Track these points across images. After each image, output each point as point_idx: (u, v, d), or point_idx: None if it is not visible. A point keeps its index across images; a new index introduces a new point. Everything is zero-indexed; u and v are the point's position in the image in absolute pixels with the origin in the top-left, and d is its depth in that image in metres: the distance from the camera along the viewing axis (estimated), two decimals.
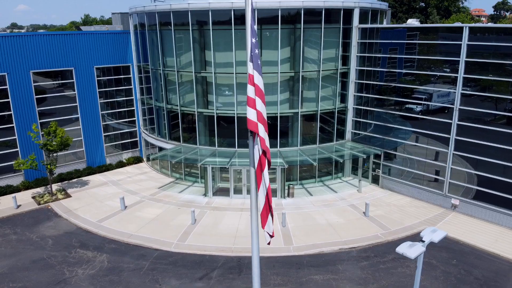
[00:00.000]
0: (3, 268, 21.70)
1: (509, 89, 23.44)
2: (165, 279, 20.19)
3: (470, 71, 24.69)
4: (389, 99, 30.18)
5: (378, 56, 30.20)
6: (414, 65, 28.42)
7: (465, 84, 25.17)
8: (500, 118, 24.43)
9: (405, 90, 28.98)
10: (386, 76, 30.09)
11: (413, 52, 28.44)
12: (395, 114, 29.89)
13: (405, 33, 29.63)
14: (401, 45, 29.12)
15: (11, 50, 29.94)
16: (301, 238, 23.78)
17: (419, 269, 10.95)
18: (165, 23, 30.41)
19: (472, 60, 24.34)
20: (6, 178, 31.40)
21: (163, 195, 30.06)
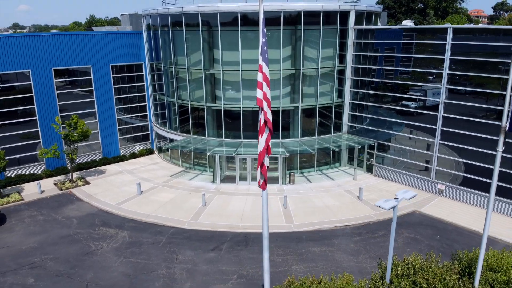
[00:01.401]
0: (34, 243, 24.40)
1: (496, 86, 25.90)
2: (181, 251, 22.89)
3: (464, 69, 27.00)
4: (382, 95, 32.77)
5: (372, 54, 32.81)
6: (411, 63, 30.71)
7: (460, 82, 27.53)
8: (491, 114, 26.73)
9: (400, 86, 31.48)
10: (383, 73, 32.62)
11: (409, 51, 30.74)
12: (388, 109, 32.48)
13: (402, 33, 32.11)
14: (398, 44, 31.50)
15: (35, 48, 32.63)
16: (301, 218, 26.45)
17: (394, 222, 13.60)
18: (176, 24, 33.09)
19: (455, 58, 26.96)
20: (29, 167, 34.11)
21: (175, 182, 32.77)
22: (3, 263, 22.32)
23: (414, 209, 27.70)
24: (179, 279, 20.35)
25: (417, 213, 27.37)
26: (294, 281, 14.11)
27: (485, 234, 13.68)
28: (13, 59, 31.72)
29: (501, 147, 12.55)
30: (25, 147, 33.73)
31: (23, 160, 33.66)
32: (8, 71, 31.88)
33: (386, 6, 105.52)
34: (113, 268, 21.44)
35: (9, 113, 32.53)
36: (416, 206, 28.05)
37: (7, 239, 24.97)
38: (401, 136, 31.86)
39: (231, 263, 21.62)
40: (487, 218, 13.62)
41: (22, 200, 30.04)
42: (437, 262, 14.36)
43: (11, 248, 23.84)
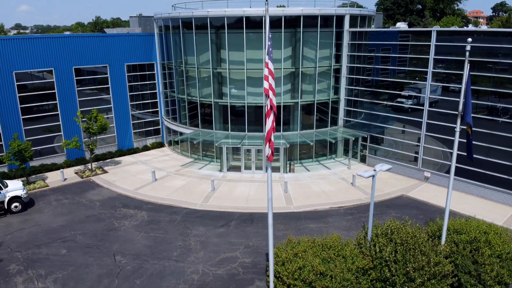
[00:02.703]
0: (63, 222, 27.53)
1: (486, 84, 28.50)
2: (194, 227, 26.01)
3: (455, 68, 29.67)
4: (375, 92, 35.80)
5: (365, 55, 35.85)
6: (406, 63, 33.27)
7: (455, 81, 30.24)
8: (483, 110, 29.35)
9: (392, 84, 34.38)
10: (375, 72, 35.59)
11: (400, 52, 33.49)
12: (380, 104, 35.47)
13: (392, 35, 35.13)
14: (389, 45, 34.42)
15: (57, 48, 35.76)
16: (300, 200, 29.54)
17: (373, 189, 16.66)
18: (187, 27, 36.20)
19: (438, 57, 30.02)
20: (51, 158, 37.27)
21: (185, 171, 35.89)
22: (37, 238, 25.44)
23: (402, 193, 30.77)
24: (194, 249, 23.46)
25: (404, 196, 30.43)
26: (293, 239, 17.18)
27: (448, 201, 16.76)
28: (38, 58, 34.85)
29: (458, 128, 15.65)
30: (46, 139, 36.86)
31: (43, 152, 36.75)
32: (33, 69, 35.05)
33: (385, 8, 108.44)
34: (136, 241, 24.57)
35: (34, 108, 35.71)
36: (403, 191, 31.12)
37: (38, 219, 28.09)
38: (393, 129, 34.88)
39: (239, 237, 24.73)
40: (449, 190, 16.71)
41: (47, 187, 33.18)
42: (411, 226, 17.41)
43: (43, 226, 26.97)
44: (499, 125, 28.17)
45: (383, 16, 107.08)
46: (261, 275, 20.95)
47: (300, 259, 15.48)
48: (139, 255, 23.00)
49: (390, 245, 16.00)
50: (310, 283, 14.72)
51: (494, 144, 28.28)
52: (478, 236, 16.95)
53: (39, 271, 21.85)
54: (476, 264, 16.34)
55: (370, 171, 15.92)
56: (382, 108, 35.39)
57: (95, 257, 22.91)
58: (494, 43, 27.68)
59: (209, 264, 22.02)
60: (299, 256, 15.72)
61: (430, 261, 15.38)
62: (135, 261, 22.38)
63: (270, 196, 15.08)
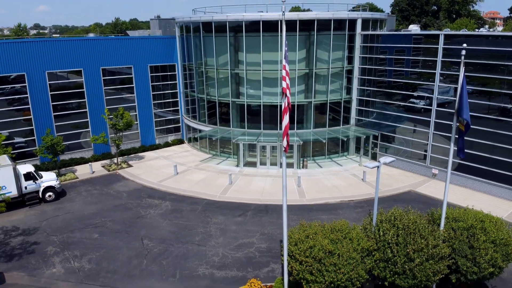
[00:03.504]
0: (94, 210, 29.99)
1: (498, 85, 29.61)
2: (214, 216, 28.15)
3: (470, 71, 30.71)
4: (386, 92, 37.35)
5: (377, 56, 37.43)
6: (419, 65, 34.45)
7: (468, 82, 31.28)
8: (494, 111, 30.52)
9: (404, 84, 35.75)
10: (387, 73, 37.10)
11: (417, 54, 34.63)
12: (393, 104, 36.93)
13: (403, 38, 36.55)
14: (404, 47, 35.65)
15: (86, 50, 38.41)
16: (312, 194, 31.39)
17: (378, 179, 18.43)
18: (207, 31, 38.40)
19: (445, 59, 31.47)
20: (79, 152, 39.96)
21: (204, 166, 38.11)
22: (70, 224, 27.93)
23: (410, 189, 32.32)
24: (214, 235, 25.58)
25: (412, 192, 31.98)
26: (305, 224, 19.08)
27: (446, 190, 18.43)
28: (69, 59, 37.54)
29: (455, 124, 17.33)
30: (74, 135, 39.52)
31: (72, 147, 39.38)
32: (64, 70, 37.76)
33: (400, 9, 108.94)
34: (161, 227, 26.82)
35: (64, 105, 38.44)
36: (412, 187, 32.66)
37: (70, 207, 30.64)
38: (404, 128, 36.33)
39: (255, 225, 26.75)
40: (447, 183, 18.38)
41: (77, 178, 35.80)
42: (413, 213, 19.09)
43: (75, 213, 29.48)
44: (508, 125, 29.35)
45: (398, 17, 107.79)
46: (275, 258, 22.92)
47: (311, 240, 17.36)
48: (164, 239, 25.23)
49: (393, 230, 17.73)
50: (319, 260, 16.57)
51: (502, 144, 29.61)
52: (475, 224, 18.51)
53: (74, 252, 24.27)
54: (472, 248, 17.92)
55: (375, 163, 17.73)
56: (393, 108, 36.93)
57: (124, 241, 25.24)
58: (506, 47, 28.75)
59: (228, 248, 24.10)
60: (310, 237, 17.59)
61: (428, 244, 17.07)
62: (161, 245, 24.62)
63: (284, 184, 16.98)
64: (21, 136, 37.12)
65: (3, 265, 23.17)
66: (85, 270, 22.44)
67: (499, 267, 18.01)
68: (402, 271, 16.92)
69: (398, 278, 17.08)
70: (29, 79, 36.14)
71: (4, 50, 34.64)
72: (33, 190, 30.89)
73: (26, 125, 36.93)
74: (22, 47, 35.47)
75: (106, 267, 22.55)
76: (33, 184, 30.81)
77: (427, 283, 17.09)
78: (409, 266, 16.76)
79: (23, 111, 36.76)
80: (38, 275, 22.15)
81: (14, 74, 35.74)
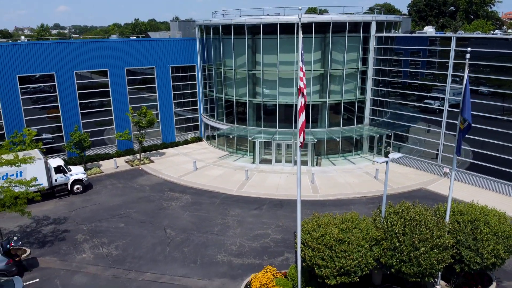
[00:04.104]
0: (119, 202, 31.94)
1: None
2: (231, 208, 29.74)
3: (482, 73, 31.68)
4: (400, 92, 38.29)
5: (391, 58, 38.42)
6: (435, 66, 35.09)
7: (484, 84, 32.21)
8: (509, 113, 31.09)
9: (418, 85, 36.60)
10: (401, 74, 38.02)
11: (433, 56, 35.42)
12: (407, 105, 37.76)
13: (422, 39, 37.25)
14: (418, 49, 36.42)
15: (111, 51, 40.53)
16: (325, 190, 32.67)
17: (387, 173, 19.66)
18: (226, 33, 40.05)
19: (456, 61, 32.30)
20: (104, 148, 42.13)
21: (222, 162, 39.78)
22: (98, 214, 29.91)
23: (421, 187, 33.27)
24: (232, 226, 27.16)
25: (423, 189, 32.93)
26: (317, 215, 20.44)
27: (451, 185, 19.53)
28: (96, 60, 39.73)
29: (459, 123, 18.46)
30: (98, 132, 41.68)
31: (96, 143, 41.47)
32: (92, 70, 39.97)
33: (417, 9, 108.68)
34: (182, 218, 28.55)
35: (90, 103, 40.65)
36: (423, 185, 33.61)
37: (97, 199, 32.66)
38: (417, 128, 37.19)
39: (270, 218, 28.22)
40: (451, 179, 19.47)
41: (102, 173, 37.91)
42: (420, 206, 20.25)
43: (102, 205, 31.48)
44: None
45: (415, 18, 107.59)
46: (289, 248, 24.35)
47: (323, 229, 18.70)
48: (185, 229, 26.94)
49: (400, 221, 18.93)
50: (330, 247, 17.90)
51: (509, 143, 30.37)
52: (478, 217, 19.55)
53: (103, 240, 26.17)
54: (475, 240, 18.98)
55: (384, 158, 19.00)
56: (407, 108, 37.87)
57: (148, 230, 27.05)
58: None
59: (245, 238, 25.64)
60: (322, 227, 18.94)
61: (433, 234, 18.21)
62: (182, 234, 26.33)
63: (298, 176, 18.39)
64: (48, 133, 39.41)
65: (36, 250, 25.21)
66: (112, 255, 24.29)
67: (501, 258, 19.02)
68: (408, 259, 18.11)
69: (404, 266, 18.28)
70: (58, 79, 38.43)
71: (36, 51, 36.99)
72: (62, 182, 33.04)
73: (54, 122, 39.22)
74: (52, 48, 37.80)
75: (132, 253, 24.36)
76: (63, 177, 32.96)
77: (432, 271, 18.24)
78: (415, 255, 17.94)
79: (48, 109, 38.97)
80: (69, 260, 24.08)
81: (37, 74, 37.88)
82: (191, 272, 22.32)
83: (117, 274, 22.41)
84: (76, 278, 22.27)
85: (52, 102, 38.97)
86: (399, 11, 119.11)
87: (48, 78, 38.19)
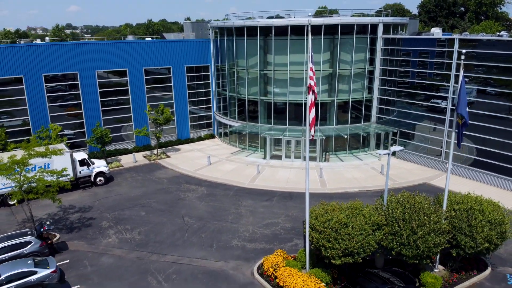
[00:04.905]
0: (139, 193, 34.12)
1: None
2: (244, 200, 31.74)
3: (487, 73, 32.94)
4: (406, 92, 39.87)
5: (398, 58, 40.01)
6: (444, 66, 36.45)
7: (491, 84, 33.46)
8: None
9: (422, 84, 38.15)
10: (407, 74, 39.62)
11: (441, 56, 36.81)
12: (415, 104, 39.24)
13: (428, 41, 38.69)
14: (424, 50, 37.89)
15: (130, 52, 42.82)
16: (333, 184, 34.46)
17: (388, 165, 21.41)
18: (238, 34, 42.06)
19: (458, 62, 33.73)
20: (123, 144, 44.45)
21: (234, 158, 41.81)
22: (120, 203, 32.13)
23: (424, 181, 34.86)
24: (245, 215, 29.15)
25: (426, 184, 34.52)
26: (324, 202, 22.30)
27: (448, 176, 21.21)
28: (116, 60, 42.06)
29: (455, 119, 20.16)
30: (116, 128, 43.96)
31: (115, 139, 43.68)
32: (112, 69, 42.31)
33: (427, 10, 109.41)
34: (199, 208, 30.63)
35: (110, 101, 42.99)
36: (426, 180, 35.20)
37: (118, 190, 34.91)
38: (422, 126, 38.75)
39: (280, 208, 30.14)
40: (448, 171, 21.16)
41: (122, 166, 40.20)
42: (419, 196, 21.96)
43: (123, 195, 33.71)
44: None
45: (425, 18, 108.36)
46: (298, 235, 26.24)
47: (329, 214, 20.52)
48: (202, 217, 29.01)
49: (400, 208, 20.67)
50: (336, 230, 19.72)
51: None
52: (474, 205, 21.20)
53: (126, 226, 28.35)
54: (470, 226, 20.62)
55: (385, 151, 20.81)
56: (412, 107, 39.43)
57: (168, 218, 29.17)
58: None
59: (257, 226, 27.60)
60: (328, 212, 20.77)
61: (430, 220, 19.92)
62: (199, 222, 28.40)
63: (307, 166, 20.27)
64: (69, 129, 41.72)
65: (65, 235, 27.47)
66: (135, 240, 26.44)
67: (495, 244, 20.65)
68: (407, 242, 19.86)
69: (403, 249, 20.03)
70: (81, 78, 40.83)
71: (61, 51, 39.40)
72: (86, 174, 35.37)
73: (73, 119, 41.50)
74: (76, 49, 40.21)
75: (153, 238, 26.49)
76: (87, 169, 35.29)
77: (429, 254, 19.97)
78: (413, 238, 19.68)
79: (67, 107, 41.17)
80: (96, 244, 26.28)
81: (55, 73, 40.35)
82: (208, 254, 24.36)
83: (141, 256, 24.54)
84: (103, 259, 24.45)
85: (71, 100, 41.19)
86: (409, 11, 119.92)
87: (71, 77, 40.60)
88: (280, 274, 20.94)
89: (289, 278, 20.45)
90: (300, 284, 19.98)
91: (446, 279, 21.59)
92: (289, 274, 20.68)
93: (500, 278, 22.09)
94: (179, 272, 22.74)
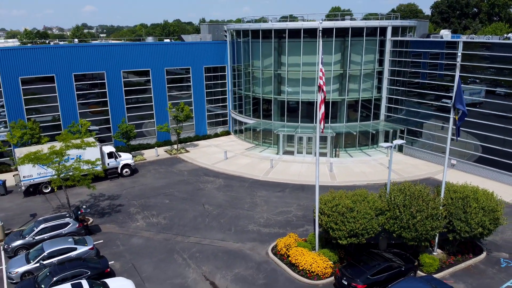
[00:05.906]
0: (162, 183, 36.96)
1: None
2: (259, 190, 34.32)
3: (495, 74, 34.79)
4: (413, 92, 41.90)
5: (406, 60, 42.05)
6: (454, 67, 38.06)
7: (500, 84, 35.05)
8: None
9: (437, 86, 40.03)
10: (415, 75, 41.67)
11: (451, 57, 38.65)
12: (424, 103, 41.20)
13: (435, 43, 40.69)
14: (432, 52, 39.83)
15: (153, 53, 45.77)
16: (342, 178, 36.78)
17: (391, 158, 23.69)
18: (254, 37, 44.64)
19: (463, 63, 35.76)
20: (145, 139, 47.46)
21: (249, 153, 44.43)
22: (145, 192, 34.99)
23: (429, 176, 36.91)
24: (259, 204, 31.73)
25: (431, 178, 36.56)
26: (332, 191, 24.72)
27: (445, 167, 23.40)
28: (139, 60, 45.05)
29: (452, 115, 22.36)
30: (139, 125, 46.93)
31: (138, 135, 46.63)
32: (137, 69, 45.32)
33: (440, 11, 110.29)
34: (217, 197, 33.32)
35: (134, 99, 46.03)
36: (431, 174, 37.24)
37: (143, 181, 37.81)
38: (429, 124, 40.71)
39: (292, 198, 32.63)
40: (445, 163, 23.34)
41: (145, 160, 43.15)
42: (419, 185, 24.20)
43: (148, 186, 36.59)
44: None
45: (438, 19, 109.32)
46: (309, 222, 28.68)
47: (336, 200, 22.94)
48: (220, 205, 31.68)
49: (402, 195, 22.95)
50: (342, 214, 22.12)
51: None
52: (469, 194, 23.37)
53: (152, 212, 31.17)
54: (465, 213, 22.78)
55: (388, 143, 23.15)
56: (421, 106, 41.45)
57: (190, 205, 31.92)
58: None
59: (271, 213, 30.14)
60: (336, 199, 23.18)
61: (428, 206, 22.17)
62: (218, 209, 31.07)
63: (317, 155, 22.71)
64: (95, 125, 44.76)
65: (97, 219, 30.39)
66: (161, 224, 29.22)
67: (488, 229, 22.77)
68: (407, 226, 22.14)
69: (403, 231, 22.32)
70: (108, 77, 43.92)
71: (90, 52, 42.55)
72: (113, 166, 38.36)
73: (98, 116, 44.53)
74: (104, 50, 43.34)
75: (177, 222, 29.24)
76: (114, 161, 38.27)
77: (427, 236, 22.23)
78: (412, 222, 21.97)
79: (89, 105, 44.06)
80: (126, 227, 29.12)
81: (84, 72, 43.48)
82: (227, 237, 26.99)
83: (167, 237, 27.29)
84: (133, 240, 27.27)
85: (97, 98, 44.14)
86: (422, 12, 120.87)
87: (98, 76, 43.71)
88: (292, 253, 23.45)
89: (300, 257, 22.94)
90: (310, 262, 22.46)
91: (444, 260, 23.76)
92: (300, 253, 23.17)
93: (494, 262, 24.16)
94: (201, 251, 25.42)
